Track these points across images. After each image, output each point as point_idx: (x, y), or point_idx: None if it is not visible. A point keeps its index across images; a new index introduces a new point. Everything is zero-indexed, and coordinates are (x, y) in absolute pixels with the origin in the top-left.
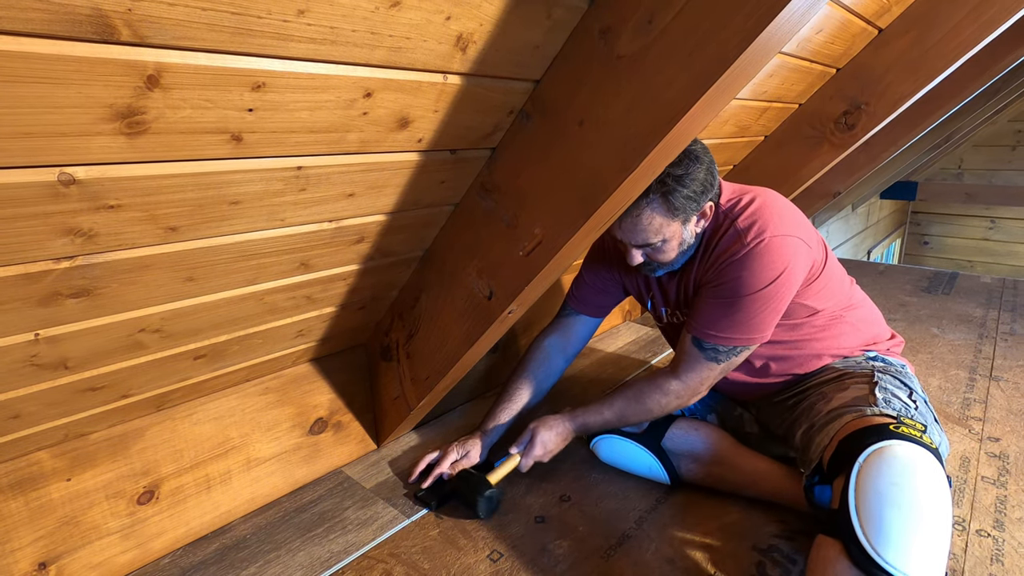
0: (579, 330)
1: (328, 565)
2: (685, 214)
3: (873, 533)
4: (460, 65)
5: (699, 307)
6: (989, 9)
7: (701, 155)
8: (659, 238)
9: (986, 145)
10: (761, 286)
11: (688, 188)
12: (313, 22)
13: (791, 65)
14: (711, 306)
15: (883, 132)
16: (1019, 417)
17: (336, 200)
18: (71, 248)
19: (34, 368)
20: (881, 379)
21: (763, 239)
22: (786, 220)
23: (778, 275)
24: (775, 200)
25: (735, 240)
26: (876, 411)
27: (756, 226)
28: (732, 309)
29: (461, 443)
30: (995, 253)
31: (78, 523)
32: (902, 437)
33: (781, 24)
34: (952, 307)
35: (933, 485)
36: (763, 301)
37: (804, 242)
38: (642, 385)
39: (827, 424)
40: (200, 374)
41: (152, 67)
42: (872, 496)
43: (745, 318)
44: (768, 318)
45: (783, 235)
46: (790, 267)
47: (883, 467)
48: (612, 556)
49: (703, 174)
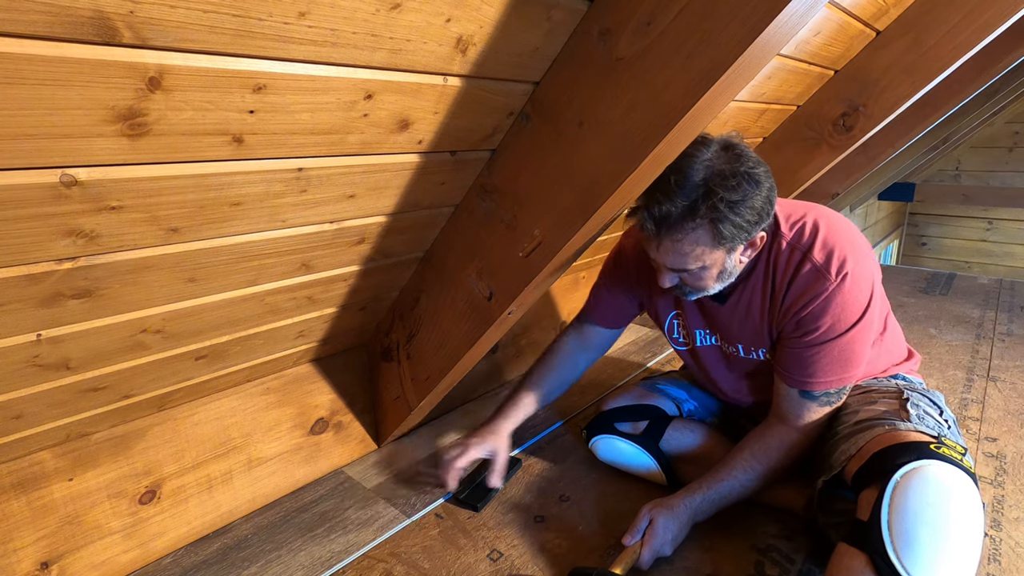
0: (596, 339)
1: (329, 565)
2: (732, 243)
3: (903, 549)
4: (460, 67)
5: (795, 357)
6: (986, 12)
7: (762, 180)
8: (698, 265)
9: (983, 147)
10: (855, 321)
11: (741, 217)
12: (314, 24)
13: (789, 67)
14: (811, 354)
15: (881, 134)
16: (1016, 417)
17: (337, 201)
18: (73, 249)
19: (36, 368)
20: (911, 396)
21: (846, 271)
22: (855, 241)
23: (867, 305)
24: (835, 220)
25: (817, 278)
26: (911, 427)
27: (835, 258)
28: (834, 352)
29: (480, 441)
30: (992, 254)
31: (80, 523)
32: (942, 458)
33: (779, 26)
34: (949, 308)
35: (968, 510)
36: (860, 333)
37: (874, 261)
38: (762, 451)
39: (855, 434)
40: (202, 375)
41: (154, 69)
42: (906, 513)
43: (848, 356)
44: (865, 347)
45: (861, 260)
46: (874, 292)
47: (921, 486)
48: (611, 556)
49: (760, 202)
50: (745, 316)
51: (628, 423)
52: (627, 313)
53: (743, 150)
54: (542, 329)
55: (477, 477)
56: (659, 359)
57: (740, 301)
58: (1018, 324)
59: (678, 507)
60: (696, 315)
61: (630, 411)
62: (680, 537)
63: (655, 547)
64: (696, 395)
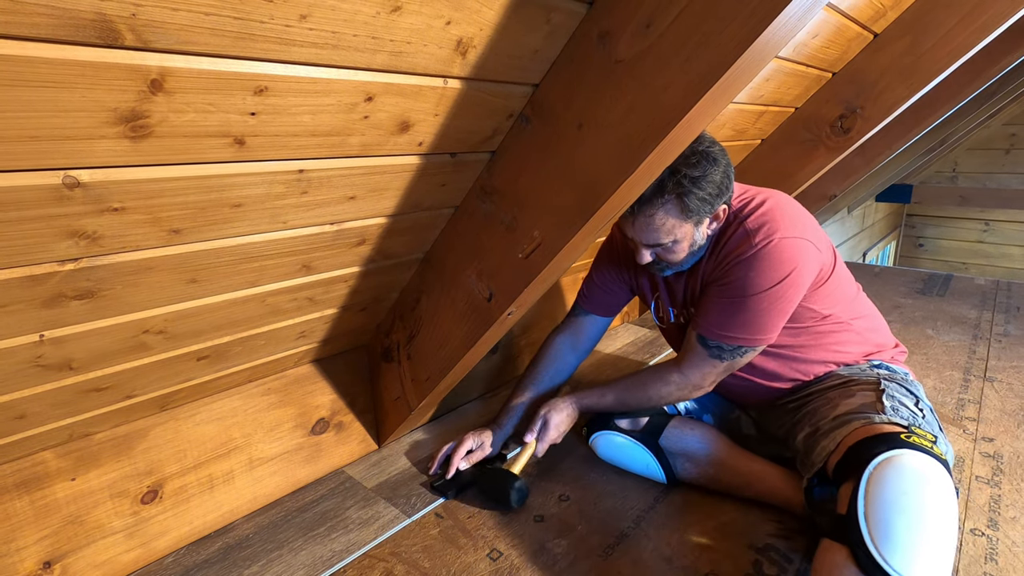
0: (590, 329)
1: (330, 564)
2: (699, 216)
3: (881, 539)
4: (460, 69)
5: (705, 305)
6: (983, 15)
7: (719, 157)
8: (670, 239)
9: (980, 149)
10: (767, 286)
11: (704, 190)
12: (315, 27)
13: (787, 69)
14: (717, 305)
15: (878, 136)
16: (1013, 417)
17: (337, 203)
18: (75, 250)
19: (39, 369)
20: (888, 387)
21: (772, 240)
22: (796, 223)
23: (785, 276)
24: (786, 202)
25: (743, 240)
26: (885, 419)
27: (766, 227)
28: (737, 308)
29: (476, 434)
30: (989, 255)
31: (83, 522)
32: (913, 447)
33: (777, 29)
34: (947, 309)
35: (941, 496)
36: (769, 302)
37: (813, 245)
38: (645, 374)
39: (833, 429)
40: (203, 375)
41: (156, 71)
42: (881, 504)
43: (750, 318)
44: (773, 320)
45: (793, 237)
46: (798, 269)
47: (893, 476)
48: (610, 555)
49: (719, 176)
50: (696, 282)
51: (628, 420)
52: (618, 299)
53: (701, 133)
54: (542, 330)
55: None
56: (659, 359)
57: (694, 270)
58: (1015, 325)
59: (565, 407)
60: (667, 293)
61: None
62: (566, 431)
63: (549, 438)
64: None
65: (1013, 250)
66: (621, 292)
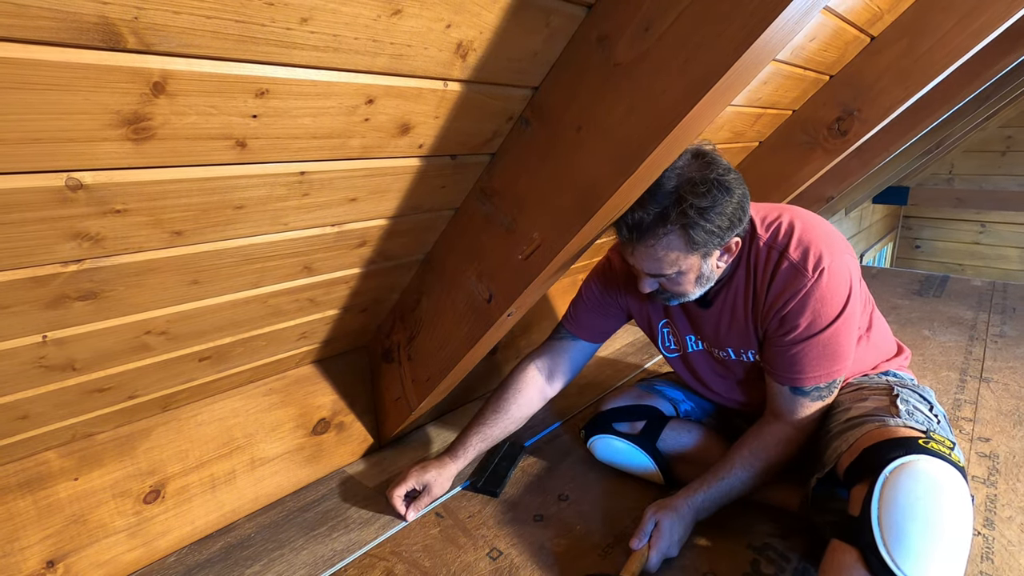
0: (573, 356)
1: (331, 563)
2: (706, 248)
3: (893, 544)
4: (460, 72)
5: (782, 355)
6: (979, 18)
7: (733, 186)
8: (674, 270)
9: (976, 151)
10: (836, 315)
11: (711, 223)
12: (316, 30)
13: (785, 72)
14: (797, 351)
15: (875, 138)
16: (1008, 418)
17: (338, 205)
18: (78, 252)
19: (42, 369)
20: (901, 392)
21: (823, 267)
22: (830, 240)
23: (846, 301)
24: (809, 218)
25: (795, 275)
26: (900, 422)
27: (811, 255)
28: (819, 348)
29: (420, 471)
30: (985, 257)
31: (85, 522)
32: (931, 453)
33: (775, 32)
34: (943, 310)
35: (957, 504)
36: (843, 327)
37: (852, 257)
38: (755, 446)
39: (846, 431)
40: (205, 375)
41: (158, 74)
42: (896, 508)
43: (833, 350)
44: (849, 342)
45: (837, 255)
46: (853, 285)
47: (910, 481)
48: (610, 554)
49: (732, 208)
50: (731, 319)
51: (626, 423)
52: (611, 324)
53: (714, 157)
54: (541, 331)
55: (489, 465)
56: (656, 360)
57: (724, 305)
58: (1010, 326)
59: (682, 508)
60: (684, 322)
61: (628, 411)
62: (684, 537)
63: (662, 549)
64: (693, 396)
65: (1009, 251)
66: (615, 317)
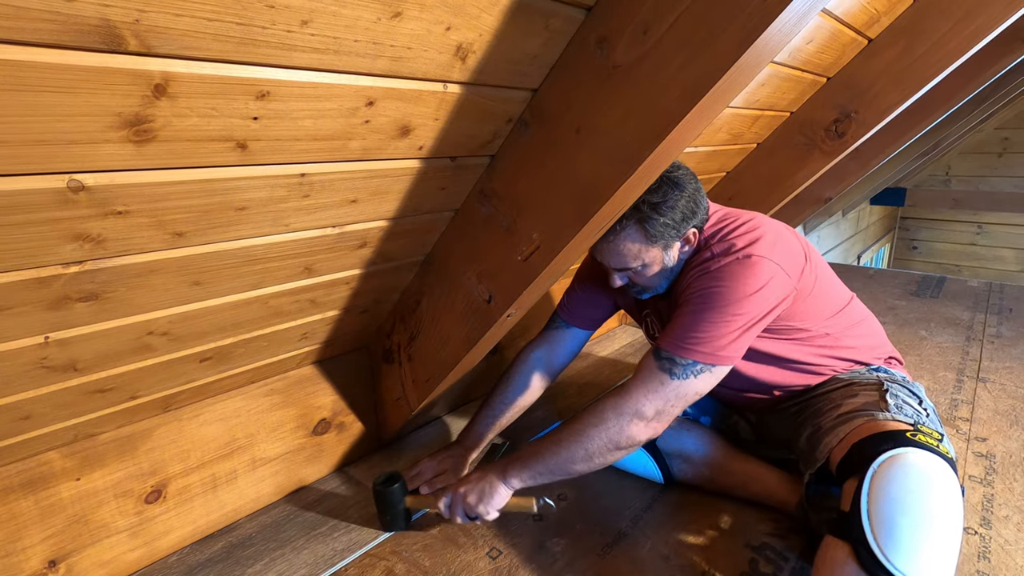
0: (568, 343)
1: (332, 563)
2: (664, 240)
3: (884, 537)
4: (460, 74)
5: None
6: (975, 20)
7: (683, 182)
8: (638, 263)
9: (973, 152)
10: (725, 301)
11: (665, 216)
12: (316, 32)
13: (783, 74)
14: (674, 318)
15: (873, 140)
16: (1005, 417)
17: (339, 206)
18: (80, 253)
19: (44, 370)
20: (891, 387)
21: (735, 256)
22: (765, 244)
23: (749, 293)
24: (764, 226)
25: (709, 258)
26: (889, 416)
27: (730, 247)
28: (693, 320)
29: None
30: (982, 258)
31: (87, 522)
32: (919, 445)
33: (773, 34)
34: (940, 310)
35: (947, 495)
36: (728, 317)
37: (782, 269)
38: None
39: (837, 426)
40: (206, 376)
41: (159, 76)
42: (885, 501)
43: (706, 332)
44: (731, 339)
45: (759, 256)
46: (764, 288)
47: (898, 473)
48: (609, 553)
49: (684, 201)
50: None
51: None
52: (601, 312)
53: None
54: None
55: None
56: None
57: (673, 295)
58: (1007, 326)
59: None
60: (658, 313)
61: None
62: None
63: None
64: None
65: (1005, 252)
66: (604, 305)
